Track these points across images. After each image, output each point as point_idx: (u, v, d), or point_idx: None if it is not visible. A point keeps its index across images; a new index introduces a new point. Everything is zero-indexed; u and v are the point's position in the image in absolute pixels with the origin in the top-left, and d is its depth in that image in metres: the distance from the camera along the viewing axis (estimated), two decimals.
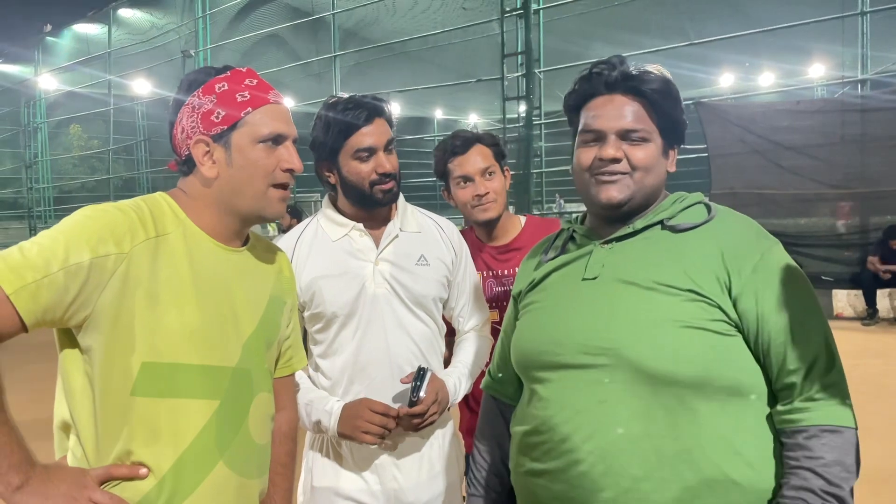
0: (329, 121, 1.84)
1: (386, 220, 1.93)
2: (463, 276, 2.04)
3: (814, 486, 1.15)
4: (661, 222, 1.36)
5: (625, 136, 1.34)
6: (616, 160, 1.33)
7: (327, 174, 1.90)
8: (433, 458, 1.93)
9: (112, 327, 1.22)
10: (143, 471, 1.23)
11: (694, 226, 1.33)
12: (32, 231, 21.35)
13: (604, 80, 1.36)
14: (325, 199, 1.99)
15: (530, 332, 1.42)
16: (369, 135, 1.82)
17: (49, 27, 22.10)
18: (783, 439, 1.22)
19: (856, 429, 1.20)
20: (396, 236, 1.92)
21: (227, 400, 1.32)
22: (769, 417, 1.25)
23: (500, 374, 1.60)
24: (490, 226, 2.29)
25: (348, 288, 1.85)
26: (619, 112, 1.35)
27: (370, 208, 1.89)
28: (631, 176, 1.34)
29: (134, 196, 1.36)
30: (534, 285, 1.48)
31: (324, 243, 1.90)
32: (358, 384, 1.86)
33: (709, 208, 1.36)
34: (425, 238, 1.97)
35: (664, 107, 1.35)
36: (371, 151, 1.83)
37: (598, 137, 1.36)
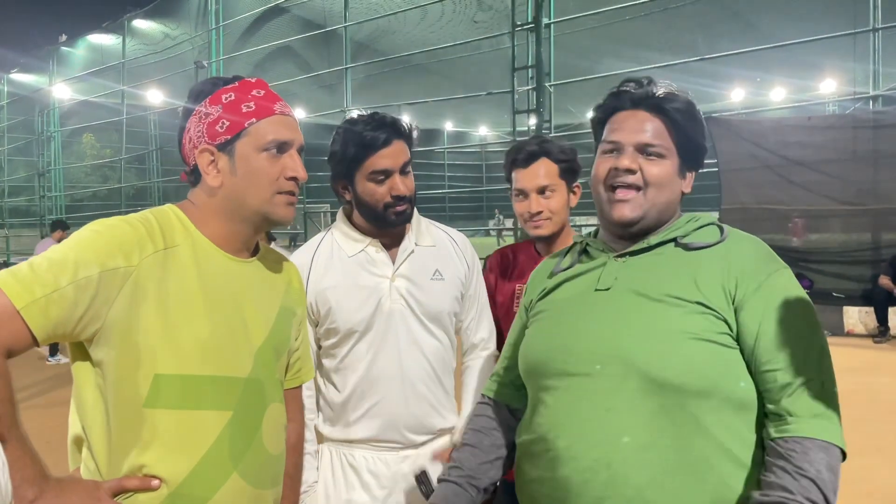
0: (347, 139, 1.82)
1: (401, 235, 1.92)
2: (475, 289, 2.04)
3: (806, 488, 1.12)
4: (674, 240, 1.38)
5: (642, 149, 1.37)
6: (631, 171, 1.36)
7: (343, 190, 1.90)
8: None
9: (122, 340, 1.22)
10: (156, 482, 1.23)
11: (706, 245, 1.35)
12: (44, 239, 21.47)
13: (629, 96, 1.41)
14: (340, 213, 1.99)
15: (539, 340, 1.43)
16: (386, 157, 1.80)
17: (64, 37, 22.37)
18: (768, 456, 1.19)
19: (844, 453, 1.18)
20: (412, 251, 1.91)
21: (240, 411, 1.32)
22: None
23: (503, 379, 1.59)
24: (548, 242, 2.20)
25: (365, 304, 1.85)
26: (639, 126, 1.38)
27: (383, 227, 1.89)
28: (644, 193, 1.36)
29: (146, 205, 1.36)
30: (544, 294, 1.49)
31: (340, 259, 1.89)
32: (368, 400, 1.87)
33: (721, 229, 1.39)
34: (440, 252, 1.97)
35: (685, 127, 1.38)
36: (387, 174, 1.81)
37: (617, 149, 1.39)
